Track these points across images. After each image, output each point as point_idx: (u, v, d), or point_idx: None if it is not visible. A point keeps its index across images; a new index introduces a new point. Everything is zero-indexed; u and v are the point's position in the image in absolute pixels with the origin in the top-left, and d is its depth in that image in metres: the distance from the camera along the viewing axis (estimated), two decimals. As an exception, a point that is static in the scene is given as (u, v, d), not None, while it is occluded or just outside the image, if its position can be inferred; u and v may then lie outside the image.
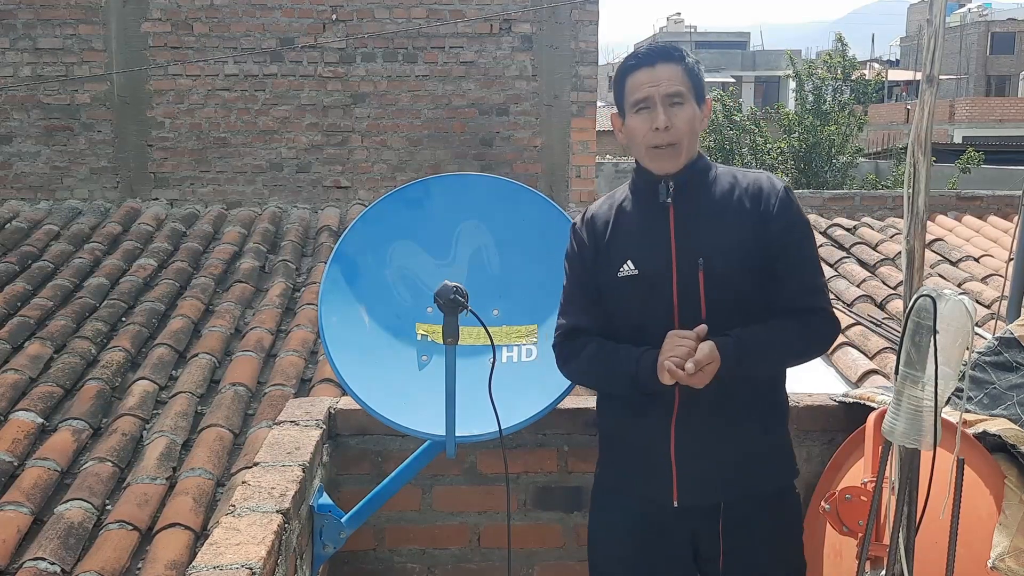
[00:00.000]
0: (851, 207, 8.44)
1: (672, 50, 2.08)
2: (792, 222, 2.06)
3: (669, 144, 2.04)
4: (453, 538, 2.72)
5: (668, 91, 2.02)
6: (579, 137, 7.48)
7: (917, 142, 1.85)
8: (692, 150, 2.07)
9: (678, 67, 2.05)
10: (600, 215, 2.17)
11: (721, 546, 2.07)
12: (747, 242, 2.02)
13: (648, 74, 2.04)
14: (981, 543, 2.01)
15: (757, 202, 2.05)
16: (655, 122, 2.02)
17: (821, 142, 17.48)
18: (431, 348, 2.43)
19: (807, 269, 2.08)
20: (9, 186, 7.31)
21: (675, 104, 2.03)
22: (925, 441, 1.74)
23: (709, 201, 2.08)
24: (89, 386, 4.55)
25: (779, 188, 2.08)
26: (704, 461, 2.05)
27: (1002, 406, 2.34)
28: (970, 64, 45.50)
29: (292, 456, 2.31)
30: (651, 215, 2.08)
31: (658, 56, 2.06)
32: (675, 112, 2.03)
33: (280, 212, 7.33)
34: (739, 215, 2.05)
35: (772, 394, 2.15)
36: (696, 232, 2.03)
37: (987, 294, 6.24)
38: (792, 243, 2.05)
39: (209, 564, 1.79)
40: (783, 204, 2.05)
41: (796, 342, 2.05)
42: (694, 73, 2.07)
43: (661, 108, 2.02)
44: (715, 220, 2.05)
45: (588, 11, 7.40)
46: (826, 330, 2.09)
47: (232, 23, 7.24)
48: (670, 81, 2.03)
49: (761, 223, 2.04)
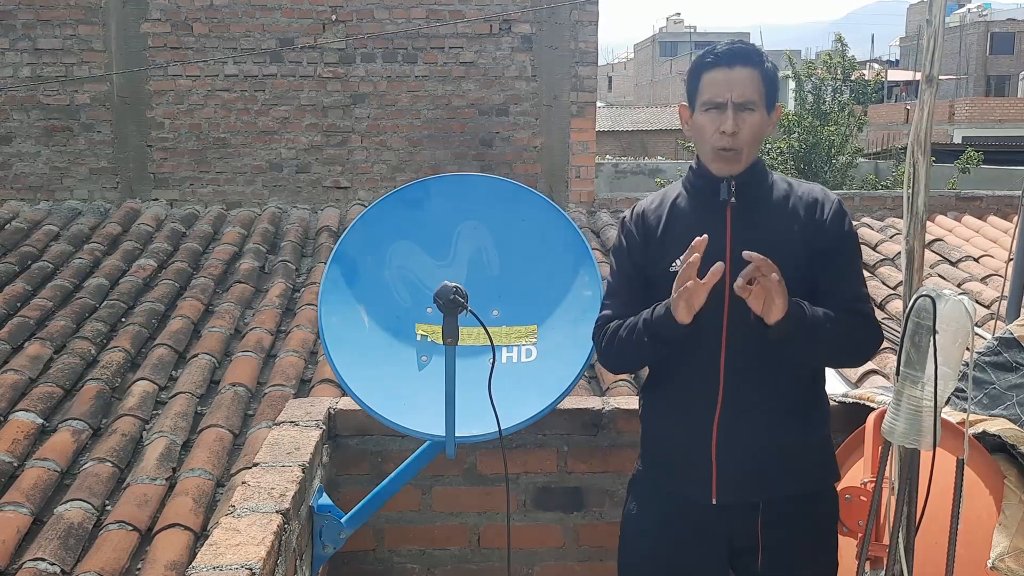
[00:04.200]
0: (851, 207, 8.38)
1: (752, 53, 2.06)
2: (844, 233, 2.08)
3: (733, 149, 2.04)
4: (453, 538, 2.72)
5: (740, 99, 2.02)
6: (579, 137, 7.48)
7: (917, 142, 1.85)
8: (752, 155, 2.08)
9: (755, 72, 2.04)
10: (652, 210, 2.18)
11: (760, 544, 2.06)
12: (798, 247, 2.04)
13: (724, 75, 2.03)
14: (981, 543, 2.01)
15: (812, 210, 2.08)
16: (723, 125, 2.02)
17: (821, 142, 17.47)
18: (431, 348, 2.43)
19: (855, 279, 2.10)
20: (9, 186, 7.31)
21: (747, 110, 2.03)
22: (925, 441, 1.74)
23: (766, 204, 2.09)
24: (89, 386, 4.54)
25: (833, 200, 2.10)
26: (745, 459, 2.04)
27: (1002, 406, 2.34)
28: (970, 64, 45.52)
29: (292, 456, 2.31)
30: (708, 212, 2.08)
31: (737, 58, 2.04)
32: (744, 118, 2.03)
33: (280, 212, 7.33)
34: (794, 221, 2.07)
35: (814, 393, 2.14)
36: (752, 233, 2.02)
37: (987, 294, 6.24)
38: (843, 253, 2.08)
39: (209, 564, 1.79)
40: (836, 215, 2.08)
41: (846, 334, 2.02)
42: (769, 78, 2.06)
43: (731, 113, 2.02)
44: (770, 224, 2.06)
45: (588, 11, 7.40)
46: (873, 336, 2.08)
47: (232, 23, 7.24)
48: (744, 87, 2.02)
49: (813, 231, 2.05)
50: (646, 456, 2.23)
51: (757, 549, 2.06)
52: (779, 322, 1.89)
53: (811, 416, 2.11)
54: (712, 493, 2.05)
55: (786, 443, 2.06)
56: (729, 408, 2.03)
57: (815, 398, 2.14)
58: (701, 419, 2.05)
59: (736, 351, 2.02)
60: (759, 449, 2.04)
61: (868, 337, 2.07)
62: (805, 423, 2.09)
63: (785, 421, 2.06)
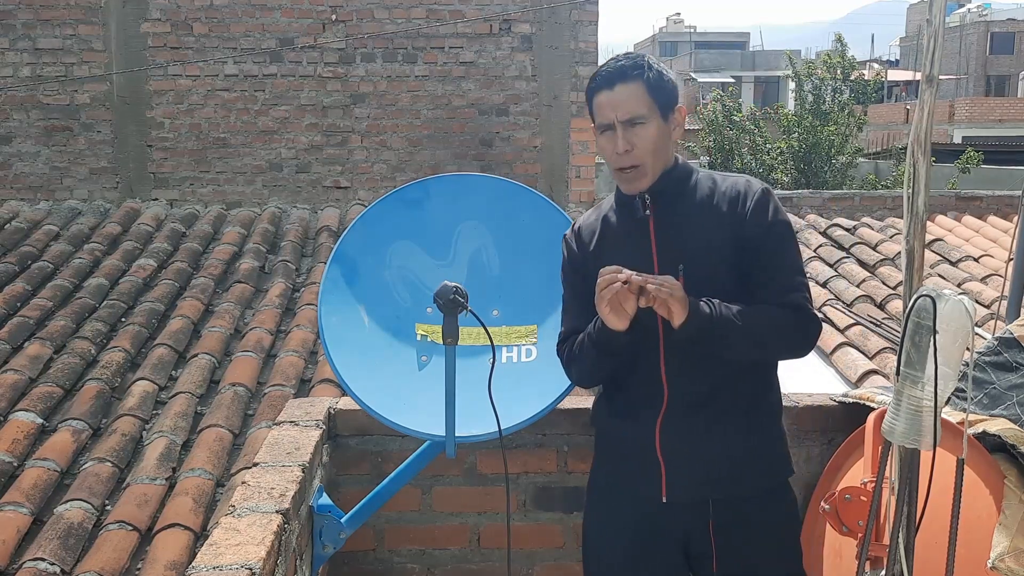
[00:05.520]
0: (851, 207, 8.44)
1: (630, 68, 2.05)
2: (769, 222, 2.06)
3: (632, 166, 2.05)
4: (453, 538, 2.72)
5: (625, 117, 2.03)
6: (579, 137, 7.48)
7: (917, 142, 1.85)
8: (661, 165, 2.08)
9: (638, 85, 2.03)
10: (587, 226, 2.21)
11: (713, 545, 2.08)
12: (726, 245, 2.03)
13: (607, 97, 2.05)
14: (981, 543, 2.01)
15: (735, 204, 2.06)
16: (616, 146, 2.04)
17: (821, 142, 17.49)
18: (431, 348, 2.43)
19: (787, 269, 2.07)
20: (9, 186, 7.31)
21: (636, 124, 2.03)
22: (925, 441, 1.74)
23: (687, 208, 2.09)
24: (89, 386, 4.55)
25: (756, 189, 2.08)
26: (690, 458, 2.06)
27: (1002, 406, 2.34)
28: (970, 64, 45.52)
29: (292, 456, 2.31)
30: (632, 226, 2.11)
31: (616, 77, 2.04)
32: (635, 132, 2.03)
33: (280, 212, 7.33)
34: (717, 218, 2.06)
35: (760, 394, 2.14)
36: (676, 239, 2.05)
37: (987, 294, 6.24)
38: (770, 243, 2.05)
39: (209, 564, 1.79)
40: (759, 205, 2.06)
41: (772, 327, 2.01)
42: (657, 87, 2.04)
43: (620, 132, 2.03)
44: (694, 226, 2.07)
45: (588, 11, 7.40)
46: (807, 327, 2.06)
47: (232, 23, 7.24)
48: (627, 103, 2.03)
49: (738, 224, 2.05)
50: (600, 456, 2.25)
51: (711, 554, 2.08)
52: (682, 325, 1.91)
53: (758, 413, 2.12)
54: (662, 491, 2.07)
55: (732, 441, 2.07)
56: (673, 408, 2.06)
57: (762, 395, 2.14)
58: (647, 423, 2.08)
59: (674, 354, 2.04)
60: (703, 451, 2.06)
61: (797, 329, 2.05)
62: (751, 421, 2.10)
63: (729, 419, 2.07)
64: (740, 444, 2.08)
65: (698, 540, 2.09)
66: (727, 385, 2.06)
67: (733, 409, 2.08)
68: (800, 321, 2.05)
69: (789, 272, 2.07)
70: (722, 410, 2.07)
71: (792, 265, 2.09)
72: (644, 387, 2.09)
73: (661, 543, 2.12)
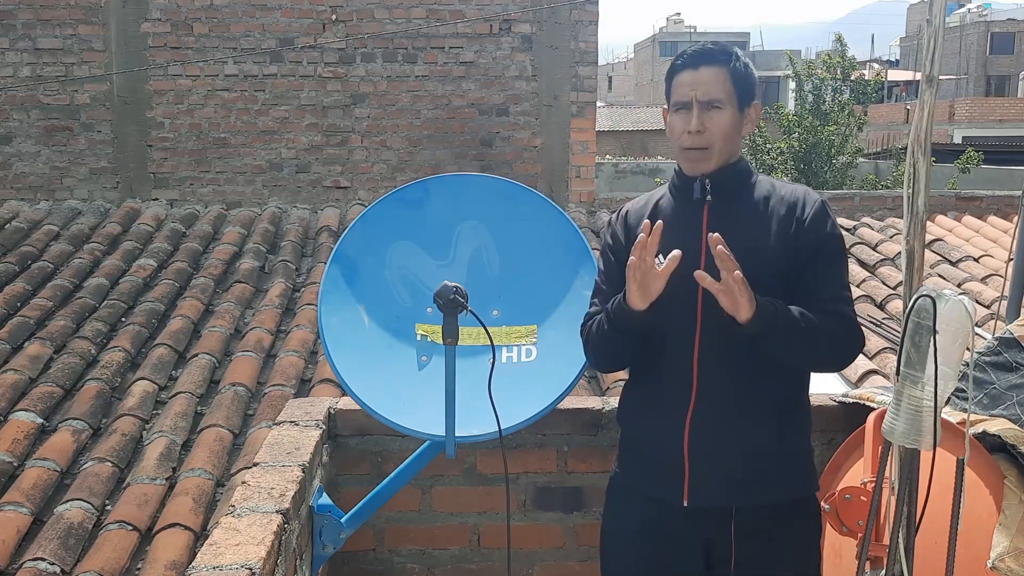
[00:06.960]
0: (851, 207, 8.43)
1: (718, 53, 2.07)
2: (825, 234, 2.05)
3: (700, 148, 2.05)
4: (453, 538, 2.72)
5: (705, 97, 2.03)
6: (579, 137, 7.48)
7: (917, 142, 1.85)
8: (727, 154, 2.07)
9: (722, 70, 2.04)
10: (635, 211, 2.19)
11: (732, 555, 2.04)
12: (778, 248, 2.02)
13: (691, 75, 2.05)
14: (981, 543, 2.01)
15: (792, 210, 2.05)
16: (688, 125, 2.04)
17: (821, 142, 17.47)
18: (431, 348, 2.43)
19: (837, 280, 2.06)
20: (9, 186, 7.32)
21: (713, 108, 2.03)
22: (925, 441, 1.74)
23: (745, 204, 2.08)
24: (89, 386, 4.55)
25: (815, 199, 2.08)
26: (716, 461, 2.02)
27: (1002, 406, 2.34)
28: (970, 64, 45.52)
29: (292, 456, 2.31)
30: (686, 213, 2.08)
31: (702, 59, 2.05)
32: (710, 116, 2.03)
33: (280, 212, 7.33)
34: (773, 221, 2.05)
35: (795, 400, 2.11)
36: (728, 232, 1.98)
37: (987, 294, 6.24)
38: (824, 254, 2.04)
39: (209, 564, 1.79)
40: (818, 214, 2.05)
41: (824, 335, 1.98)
42: (741, 77, 2.06)
43: (696, 111, 2.03)
44: (748, 222, 2.05)
45: (588, 11, 7.40)
46: (852, 338, 2.04)
47: (232, 23, 7.24)
48: (709, 85, 2.03)
49: (793, 231, 2.03)
50: (623, 456, 2.23)
51: (730, 561, 2.04)
52: (749, 320, 1.88)
53: (790, 423, 2.08)
54: (684, 495, 2.04)
55: (761, 448, 2.03)
56: (702, 410, 2.02)
57: (795, 405, 2.11)
58: (674, 420, 2.04)
59: (709, 352, 2.01)
60: (732, 452, 2.02)
61: (847, 339, 2.03)
62: (782, 429, 2.06)
63: (760, 426, 2.03)
64: (768, 450, 2.04)
65: (718, 548, 2.05)
66: (759, 390, 2.03)
67: (764, 415, 2.04)
68: (850, 331, 2.03)
69: (838, 285, 2.06)
70: (752, 415, 2.03)
71: (840, 278, 2.09)
72: (672, 385, 2.05)
73: (680, 549, 2.08)
